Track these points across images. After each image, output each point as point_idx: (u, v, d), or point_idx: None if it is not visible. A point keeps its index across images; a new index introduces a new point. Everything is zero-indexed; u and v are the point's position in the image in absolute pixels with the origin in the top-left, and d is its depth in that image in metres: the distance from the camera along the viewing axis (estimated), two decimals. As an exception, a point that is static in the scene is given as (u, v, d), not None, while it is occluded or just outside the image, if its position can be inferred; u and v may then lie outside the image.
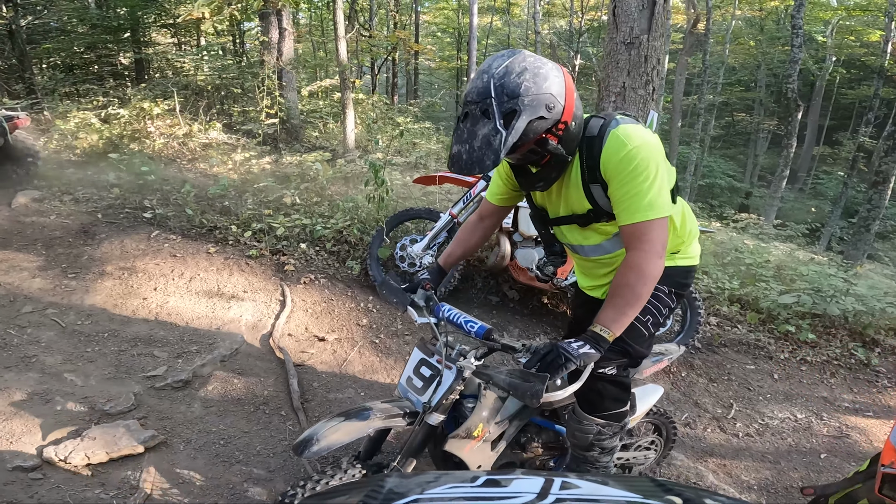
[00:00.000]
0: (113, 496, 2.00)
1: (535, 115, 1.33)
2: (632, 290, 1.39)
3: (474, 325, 1.65)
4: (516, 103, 1.31)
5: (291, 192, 4.60)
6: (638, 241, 1.40)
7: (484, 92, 1.32)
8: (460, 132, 1.37)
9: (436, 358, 1.68)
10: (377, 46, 11.49)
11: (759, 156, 18.52)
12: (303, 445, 1.54)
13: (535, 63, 1.34)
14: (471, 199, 3.34)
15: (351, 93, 6.34)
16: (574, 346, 1.37)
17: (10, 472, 2.02)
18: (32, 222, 4.14)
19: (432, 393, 1.62)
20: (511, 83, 1.31)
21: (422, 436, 1.66)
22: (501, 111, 1.31)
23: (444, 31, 18.53)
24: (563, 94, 1.37)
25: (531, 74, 1.32)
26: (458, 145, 1.37)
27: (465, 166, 1.35)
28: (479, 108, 1.33)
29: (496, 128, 1.31)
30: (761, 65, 18.01)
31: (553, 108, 1.35)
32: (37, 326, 2.96)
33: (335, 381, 2.90)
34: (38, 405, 2.37)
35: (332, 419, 1.60)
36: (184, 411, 2.51)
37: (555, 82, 1.35)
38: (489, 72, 1.34)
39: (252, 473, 2.23)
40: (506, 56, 1.36)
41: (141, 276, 3.45)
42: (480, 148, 1.32)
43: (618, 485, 0.75)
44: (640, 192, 1.39)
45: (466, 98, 1.36)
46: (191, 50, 8.77)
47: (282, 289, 3.50)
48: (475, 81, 1.36)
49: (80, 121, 6.01)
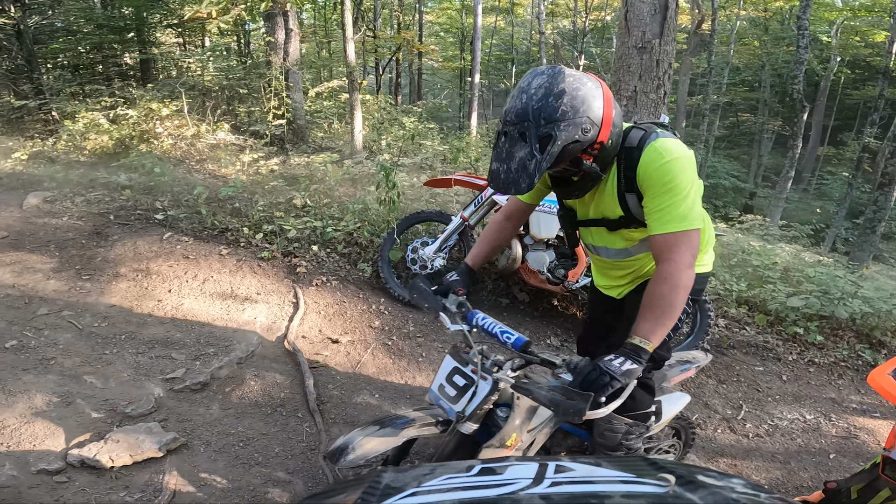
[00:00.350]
0: (137, 499, 2.02)
1: (570, 140, 1.35)
2: (667, 300, 1.41)
3: (511, 335, 1.62)
4: (552, 128, 1.32)
5: (301, 194, 4.63)
6: (669, 252, 1.43)
7: (522, 114, 1.34)
8: (499, 150, 1.41)
9: (470, 367, 1.66)
10: (382, 47, 11.51)
11: (763, 156, 18.50)
12: (338, 454, 1.54)
13: (574, 84, 1.34)
14: (482, 202, 3.37)
15: (358, 94, 6.35)
16: (616, 364, 1.36)
17: (35, 476, 2.05)
18: (44, 224, 4.16)
19: (467, 403, 1.61)
20: (549, 107, 1.32)
21: (454, 444, 1.66)
22: (538, 135, 1.33)
23: (448, 31, 18.52)
24: (600, 116, 1.38)
25: (569, 97, 1.33)
26: (496, 163, 1.41)
27: (503, 185, 1.40)
28: (517, 130, 1.35)
29: (532, 152, 1.34)
30: (766, 65, 17.98)
31: (589, 131, 1.37)
32: (53, 328, 2.98)
33: (350, 382, 2.93)
34: (60, 408, 2.40)
35: (366, 427, 1.60)
36: (203, 413, 2.53)
37: (593, 104, 1.36)
38: (528, 91, 1.35)
39: (272, 475, 2.25)
40: (545, 75, 1.36)
41: (155, 278, 3.48)
42: (517, 170, 1.36)
43: (611, 465, 0.75)
44: (674, 203, 1.43)
45: (506, 117, 1.38)
46: (196, 50, 8.79)
47: (294, 291, 3.53)
48: (515, 101, 1.37)
49: (89, 121, 6.04)
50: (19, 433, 2.22)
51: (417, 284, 1.79)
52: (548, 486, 0.66)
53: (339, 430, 2.58)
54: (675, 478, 0.66)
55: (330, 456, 1.57)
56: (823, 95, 17.97)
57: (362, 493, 0.70)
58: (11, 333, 2.87)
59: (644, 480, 0.68)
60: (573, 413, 1.32)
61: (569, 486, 0.68)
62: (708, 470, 0.74)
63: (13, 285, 3.31)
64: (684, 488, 0.65)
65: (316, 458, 2.37)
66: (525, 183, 1.35)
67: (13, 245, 3.80)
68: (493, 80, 18.97)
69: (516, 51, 18.95)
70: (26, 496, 1.96)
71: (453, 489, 0.69)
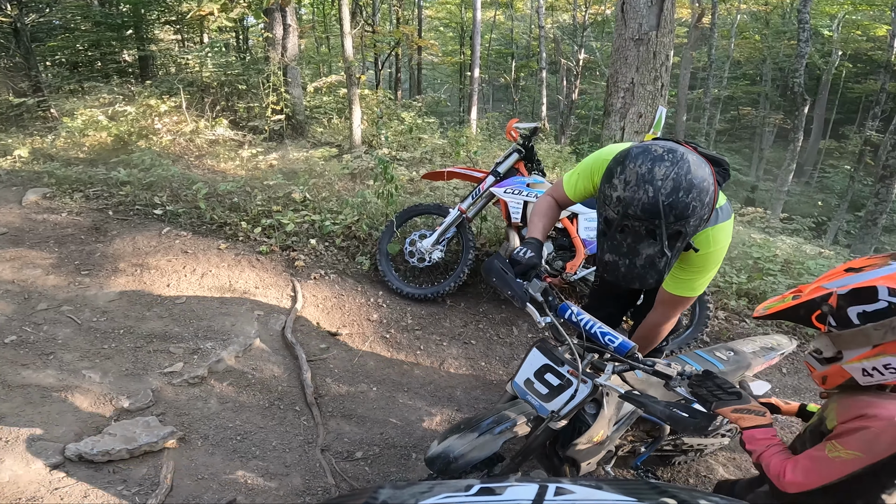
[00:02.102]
0: (135, 492, 2.03)
1: (694, 232, 1.35)
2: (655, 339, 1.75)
3: (614, 339, 1.52)
4: (683, 225, 1.28)
5: (300, 188, 4.62)
6: (672, 309, 1.67)
7: (651, 211, 1.25)
8: (617, 244, 1.34)
9: (567, 368, 1.58)
10: (381, 42, 11.47)
11: (764, 150, 18.43)
12: (437, 461, 1.52)
13: (699, 173, 1.28)
14: (479, 194, 3.36)
15: (357, 89, 6.34)
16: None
17: (34, 470, 2.05)
18: (44, 220, 4.17)
19: (564, 404, 1.55)
20: (680, 204, 1.25)
21: (542, 439, 1.63)
22: (668, 232, 1.28)
23: (448, 26, 18.46)
24: (713, 200, 1.36)
25: (697, 192, 1.27)
26: (613, 255, 1.36)
27: (624, 279, 1.37)
28: (643, 227, 1.28)
29: (663, 251, 1.30)
30: (767, 59, 17.89)
31: (708, 221, 1.41)
32: (53, 323, 2.99)
33: (347, 375, 2.93)
34: (59, 402, 2.41)
35: (464, 435, 1.56)
36: (200, 407, 2.54)
37: (711, 190, 1.32)
38: (653, 184, 1.25)
39: (269, 469, 2.26)
40: (668, 162, 1.27)
41: (154, 273, 3.48)
42: (643, 266, 1.33)
43: (612, 488, 0.74)
44: (695, 279, 1.59)
45: (627, 211, 1.28)
46: (194, 47, 8.78)
47: (292, 284, 3.53)
48: (638, 192, 1.26)
49: (88, 118, 6.03)
50: (18, 428, 2.23)
51: (495, 266, 1.62)
52: None
53: (337, 424, 2.59)
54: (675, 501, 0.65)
55: (430, 463, 1.53)
56: (825, 89, 17.88)
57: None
58: (11, 328, 2.88)
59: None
60: (695, 430, 1.32)
61: None
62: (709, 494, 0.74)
63: (13, 281, 3.32)
64: None
65: (313, 452, 2.37)
66: (654, 279, 1.36)
67: (13, 241, 3.81)
68: (492, 74, 18.90)
69: (516, 45, 18.89)
70: (25, 490, 1.97)
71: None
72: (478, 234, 3.93)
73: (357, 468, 2.33)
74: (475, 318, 3.50)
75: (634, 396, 1.45)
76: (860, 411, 1.16)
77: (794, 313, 1.22)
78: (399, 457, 2.44)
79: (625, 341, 1.51)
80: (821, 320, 1.16)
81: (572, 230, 3.26)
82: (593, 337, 1.56)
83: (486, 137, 8.50)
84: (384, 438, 2.52)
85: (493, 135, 9.02)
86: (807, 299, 1.18)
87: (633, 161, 1.30)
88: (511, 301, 1.69)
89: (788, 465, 1.26)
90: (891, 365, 1.09)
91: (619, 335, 1.54)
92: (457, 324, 3.44)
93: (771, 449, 1.32)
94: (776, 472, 1.27)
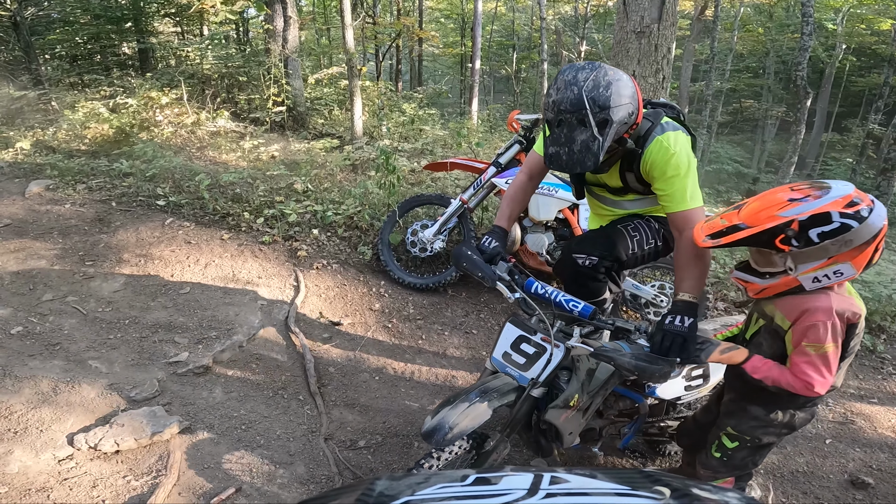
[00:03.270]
0: (142, 483, 2.05)
1: (621, 122, 1.60)
2: (698, 260, 1.71)
3: (577, 304, 1.69)
4: (608, 113, 1.55)
5: (302, 179, 4.64)
6: (685, 224, 1.74)
7: (577, 103, 1.54)
8: (556, 136, 1.61)
9: (539, 336, 1.74)
10: (381, 33, 11.42)
11: (766, 142, 18.36)
12: (434, 433, 1.61)
13: (616, 76, 1.59)
14: (481, 185, 3.37)
15: (358, 80, 6.33)
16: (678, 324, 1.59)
17: (43, 461, 2.08)
18: (47, 211, 4.18)
19: (540, 370, 1.70)
20: (602, 96, 1.54)
21: (526, 408, 1.74)
22: (596, 120, 1.55)
23: (449, 18, 18.34)
24: (636, 101, 1.65)
25: (616, 87, 1.56)
26: (555, 147, 1.62)
27: (567, 165, 1.62)
28: (574, 118, 1.56)
29: (594, 135, 1.56)
30: (770, 52, 17.78)
31: (633, 114, 1.65)
32: (58, 314, 3.02)
33: (350, 365, 2.96)
34: (65, 393, 2.43)
35: (456, 405, 1.66)
36: (206, 397, 2.57)
37: (632, 92, 1.62)
38: (577, 84, 1.55)
39: (273, 458, 2.28)
40: (588, 69, 1.57)
41: (157, 263, 3.50)
42: (580, 151, 1.58)
43: (606, 477, 0.75)
44: (682, 187, 1.74)
45: (559, 107, 1.57)
46: (194, 39, 8.76)
47: (295, 274, 3.55)
48: (565, 92, 1.55)
49: (89, 111, 6.04)
50: (26, 419, 2.25)
51: (464, 253, 1.82)
52: (542, 498, 0.67)
53: (340, 413, 2.61)
54: (670, 490, 0.67)
55: (427, 437, 1.62)
56: (828, 82, 17.78)
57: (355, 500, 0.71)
58: (17, 320, 2.91)
59: (639, 493, 0.69)
60: (659, 376, 1.50)
61: (564, 498, 0.68)
62: (704, 484, 0.76)
63: (18, 272, 3.34)
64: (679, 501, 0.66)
65: (317, 441, 2.39)
66: (591, 161, 1.58)
67: (17, 232, 3.83)
68: (493, 66, 18.81)
69: (517, 37, 18.76)
70: (33, 481, 1.99)
71: (447, 498, 0.70)
72: (479, 224, 3.94)
73: (360, 457, 2.36)
74: (476, 308, 3.53)
75: (603, 352, 1.58)
76: (803, 307, 1.46)
77: (757, 239, 1.42)
78: (401, 446, 2.47)
79: (587, 305, 1.69)
80: (785, 242, 1.39)
81: (573, 220, 3.27)
82: (558, 305, 1.72)
83: (487, 129, 8.49)
84: (386, 427, 2.55)
85: (493, 126, 9.01)
86: (771, 225, 1.38)
87: (562, 74, 1.60)
88: (482, 282, 1.85)
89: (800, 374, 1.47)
90: (839, 271, 1.40)
91: (581, 301, 1.72)
92: (458, 313, 3.46)
93: (774, 370, 1.52)
94: (802, 383, 1.48)
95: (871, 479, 2.45)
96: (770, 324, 1.57)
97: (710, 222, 1.52)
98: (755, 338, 1.64)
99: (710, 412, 1.91)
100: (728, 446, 1.75)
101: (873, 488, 2.41)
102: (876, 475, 2.50)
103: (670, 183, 1.74)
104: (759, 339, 1.62)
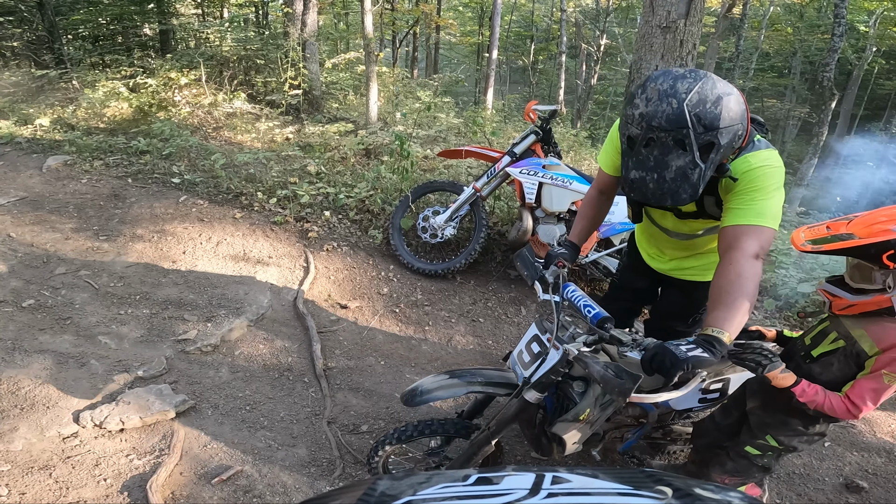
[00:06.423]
0: (144, 462, 2.06)
1: (728, 147, 1.31)
2: (736, 287, 1.34)
3: (592, 309, 1.63)
4: (714, 136, 1.26)
5: (315, 162, 4.64)
6: (736, 241, 1.39)
7: (677, 120, 1.24)
8: (643, 159, 1.31)
9: (546, 336, 1.69)
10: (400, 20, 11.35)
11: (787, 143, 18.02)
12: (411, 395, 1.73)
13: (726, 89, 1.28)
14: (494, 173, 3.34)
15: (375, 66, 6.30)
16: (682, 349, 1.28)
17: (47, 438, 2.09)
18: (64, 185, 4.24)
19: (535, 370, 1.65)
20: (709, 113, 1.25)
21: (515, 409, 1.71)
22: (698, 143, 1.26)
23: (467, 6, 18.16)
24: (746, 121, 1.35)
25: (725, 103, 1.26)
26: (640, 171, 1.33)
27: (653, 196, 1.33)
28: (671, 137, 1.26)
29: (694, 161, 1.27)
30: (797, 52, 17.39)
31: (741, 137, 1.34)
32: (70, 288, 3.05)
33: (356, 349, 2.96)
34: (74, 368, 2.45)
35: (438, 376, 1.77)
36: (212, 376, 2.58)
37: (742, 109, 1.32)
38: (676, 96, 1.25)
39: (276, 439, 2.29)
40: (691, 78, 1.27)
41: (170, 240, 3.54)
42: (674, 180, 1.30)
43: (608, 477, 0.75)
44: (754, 200, 1.40)
45: (650, 122, 1.27)
46: (214, 21, 8.77)
47: (305, 255, 3.56)
48: (659, 104, 1.26)
49: (109, 90, 6.10)
50: (34, 395, 2.26)
51: (523, 253, 1.81)
52: (544, 498, 0.66)
53: (344, 397, 2.62)
54: (672, 490, 0.66)
55: (404, 399, 1.73)
56: (855, 84, 17.35)
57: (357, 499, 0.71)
58: (29, 292, 2.95)
59: (641, 493, 0.68)
60: (618, 392, 1.35)
61: (565, 498, 0.67)
62: (706, 483, 0.75)
63: (32, 244, 3.40)
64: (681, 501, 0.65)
65: (320, 424, 2.40)
66: (687, 193, 1.30)
67: (33, 205, 3.89)
68: (511, 56, 18.64)
69: (536, 28, 18.55)
70: (38, 458, 2.00)
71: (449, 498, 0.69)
72: (490, 212, 3.92)
73: (362, 441, 2.36)
74: (484, 297, 3.52)
75: (582, 355, 1.52)
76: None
77: (865, 251, 1.34)
78: (404, 431, 2.48)
79: (599, 312, 1.60)
80: (892, 259, 1.32)
81: (586, 212, 3.23)
82: (577, 308, 1.67)
83: (502, 119, 8.42)
84: (390, 413, 2.55)
85: (508, 116, 8.93)
86: (883, 239, 1.31)
87: (654, 81, 1.29)
88: (525, 280, 1.88)
89: (857, 399, 1.44)
90: None
91: (598, 307, 1.62)
92: (466, 301, 3.46)
93: (820, 395, 1.49)
94: (846, 408, 1.45)
95: (866, 482, 2.41)
96: (852, 347, 1.49)
97: (812, 228, 1.43)
98: (825, 357, 1.57)
99: (729, 414, 1.86)
100: (762, 453, 1.73)
101: (867, 492, 2.37)
102: (871, 479, 2.46)
103: (745, 195, 1.40)
104: (830, 359, 1.55)
